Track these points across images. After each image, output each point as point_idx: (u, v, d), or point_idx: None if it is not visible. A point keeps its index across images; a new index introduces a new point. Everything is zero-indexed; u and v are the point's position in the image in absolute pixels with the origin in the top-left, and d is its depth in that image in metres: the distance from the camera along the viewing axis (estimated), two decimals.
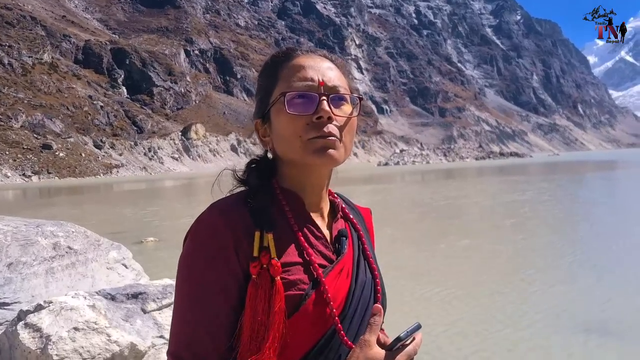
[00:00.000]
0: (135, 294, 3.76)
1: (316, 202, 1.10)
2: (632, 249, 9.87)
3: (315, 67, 1.05)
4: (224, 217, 0.98)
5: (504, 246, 10.53)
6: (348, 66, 1.16)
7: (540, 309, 6.23)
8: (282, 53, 1.10)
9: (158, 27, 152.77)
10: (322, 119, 1.00)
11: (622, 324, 5.64)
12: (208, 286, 0.96)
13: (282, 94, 1.02)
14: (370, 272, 1.12)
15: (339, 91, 1.04)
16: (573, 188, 27.06)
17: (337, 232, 1.10)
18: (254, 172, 1.09)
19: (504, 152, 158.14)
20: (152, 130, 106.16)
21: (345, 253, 1.07)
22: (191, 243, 1.00)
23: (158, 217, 18.85)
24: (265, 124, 1.10)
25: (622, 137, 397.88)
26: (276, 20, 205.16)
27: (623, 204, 18.81)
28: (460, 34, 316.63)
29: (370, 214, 1.29)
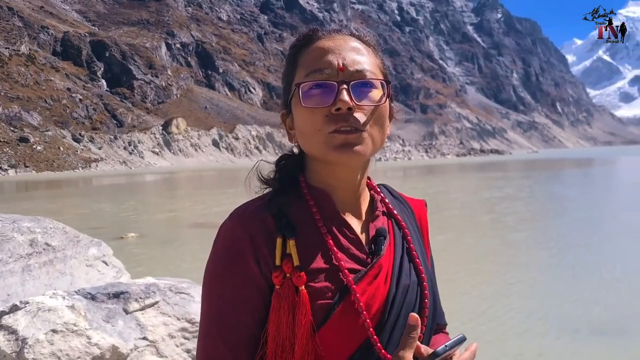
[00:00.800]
0: (116, 294, 3.62)
1: (349, 199, 1.00)
2: (605, 245, 10.05)
3: (335, 50, 0.94)
4: (243, 223, 0.92)
5: (482, 242, 10.60)
6: (379, 44, 1.05)
7: (515, 307, 6.23)
8: (302, 36, 1.01)
9: (139, 19, 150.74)
10: (342, 110, 0.90)
11: (600, 321, 5.66)
12: (227, 298, 0.90)
13: (296, 85, 0.94)
14: (417, 275, 1.00)
15: (365, 76, 0.93)
16: (550, 185, 27.49)
17: (375, 232, 0.99)
18: (279, 172, 1.02)
19: (485, 149, 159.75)
20: (133, 124, 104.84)
21: (383, 255, 0.97)
22: (212, 252, 0.95)
23: (138, 212, 18.59)
24: (289, 115, 1.02)
25: (599, 135, 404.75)
26: (259, 15, 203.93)
27: (597, 201, 19.25)
28: (442, 31, 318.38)
29: (424, 206, 1.17)
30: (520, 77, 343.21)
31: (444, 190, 23.00)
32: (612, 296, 6.63)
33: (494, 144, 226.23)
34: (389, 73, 1.02)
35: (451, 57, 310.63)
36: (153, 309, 3.60)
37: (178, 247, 10.70)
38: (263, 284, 0.90)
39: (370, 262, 0.95)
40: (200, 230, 13.35)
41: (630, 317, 5.77)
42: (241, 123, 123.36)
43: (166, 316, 3.57)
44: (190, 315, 3.66)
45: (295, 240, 0.90)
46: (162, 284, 3.85)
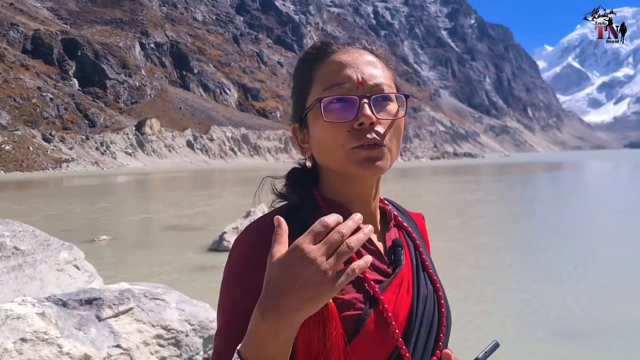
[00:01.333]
0: (89, 300, 3.53)
1: (365, 212, 0.97)
2: (570, 247, 10.29)
3: (353, 64, 0.95)
4: (261, 237, 0.90)
5: (450, 245, 10.71)
6: (391, 56, 1.06)
7: (486, 310, 6.29)
8: (315, 49, 1.00)
9: (112, 18, 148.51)
10: (364, 125, 0.90)
11: (568, 322, 5.75)
12: (241, 316, 0.86)
13: (317, 100, 0.93)
14: (432, 285, 1.02)
15: (383, 90, 0.94)
16: (520, 189, 28.01)
17: (392, 242, 1.00)
18: (294, 185, 1.00)
19: (458, 153, 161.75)
20: (105, 124, 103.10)
21: (403, 264, 0.98)
22: (227, 266, 0.94)
23: (111, 213, 18.27)
24: (303, 129, 1.00)
25: (568, 140, 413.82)
26: (234, 16, 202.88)
27: (564, 204, 19.71)
28: (417, 36, 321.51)
29: (422, 219, 1.19)
30: (493, 82, 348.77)
31: (417, 194, 23.21)
32: (579, 298, 6.74)
33: (467, 147, 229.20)
34: (400, 85, 1.02)
35: (425, 61, 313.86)
36: (127, 315, 3.51)
37: (152, 251, 10.53)
38: None
39: (391, 272, 0.96)
40: (175, 232, 13.18)
41: (597, 319, 5.87)
42: (216, 124, 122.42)
43: (141, 323, 3.50)
44: (165, 322, 3.59)
45: None
46: (136, 290, 3.77)
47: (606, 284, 7.51)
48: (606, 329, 5.61)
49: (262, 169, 77.89)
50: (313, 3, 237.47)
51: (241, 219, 10.88)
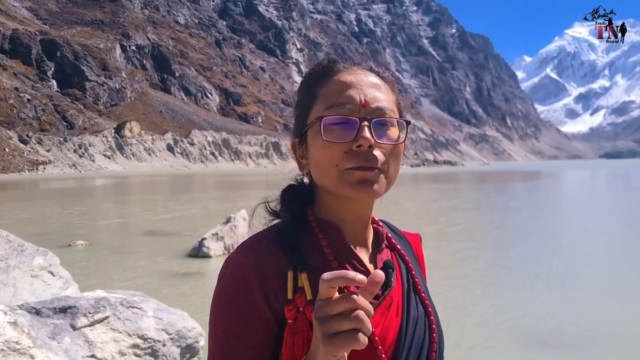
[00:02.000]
0: (63, 308, 3.45)
1: (358, 232, 1.00)
2: (540, 254, 10.43)
3: (357, 85, 0.94)
4: (251, 256, 0.90)
5: (425, 252, 10.80)
6: (397, 80, 1.06)
7: (456, 320, 6.31)
8: (321, 67, 0.99)
9: (93, 19, 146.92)
10: (363, 147, 0.89)
11: (541, 331, 5.81)
12: (235, 336, 0.87)
13: (318, 118, 0.92)
14: (423, 307, 1.01)
15: (384, 114, 0.93)
16: (496, 197, 28.37)
17: (383, 264, 0.98)
18: (287, 203, 1.00)
19: (438, 160, 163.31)
20: (84, 127, 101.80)
21: (393, 286, 0.97)
22: (218, 285, 0.92)
23: (88, 218, 17.99)
24: (302, 145, 1.00)
25: (546, 150, 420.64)
26: (217, 20, 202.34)
27: (540, 212, 20.06)
28: (399, 44, 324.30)
29: (419, 240, 1.19)
30: (473, 91, 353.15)
31: (395, 201, 23.31)
32: (551, 306, 6.82)
33: (447, 155, 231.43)
34: (404, 110, 1.03)
35: (407, 69, 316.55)
36: (103, 324, 3.45)
37: (130, 256, 10.38)
38: (271, 319, 0.88)
39: (381, 294, 0.95)
40: (154, 238, 13.02)
41: (570, 327, 5.94)
42: (197, 128, 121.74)
43: (116, 332, 3.43)
44: (142, 331, 3.52)
45: (307, 274, 0.89)
46: (112, 298, 3.70)
47: (578, 292, 7.60)
48: (579, 337, 5.67)
49: (243, 173, 77.55)
50: (296, 9, 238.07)
51: (221, 224, 10.79)
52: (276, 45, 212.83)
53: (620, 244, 12.27)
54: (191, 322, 3.90)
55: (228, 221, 10.87)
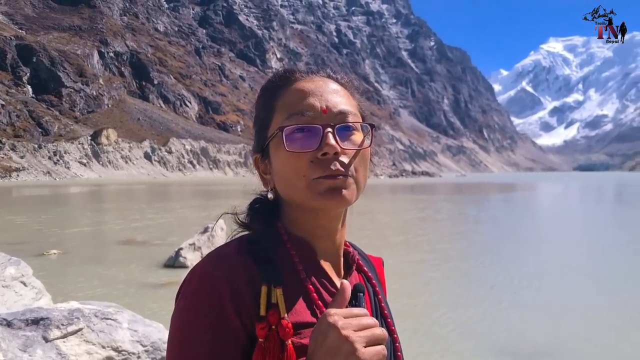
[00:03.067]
0: (35, 320, 3.40)
1: (329, 249, 0.96)
2: (502, 265, 10.60)
3: (317, 92, 0.91)
4: (222, 267, 0.84)
5: (389, 262, 10.89)
6: (358, 83, 1.04)
7: (408, 326, 6.37)
8: (278, 78, 0.96)
9: (70, 25, 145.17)
10: (328, 155, 0.86)
11: (504, 341, 5.89)
12: (204, 351, 0.80)
13: (279, 128, 0.89)
14: (389, 333, 0.98)
15: (347, 119, 0.90)
16: (468, 208, 28.76)
17: (353, 287, 0.90)
18: (258, 215, 0.95)
19: (416, 171, 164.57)
20: (59, 133, 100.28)
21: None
22: (183, 299, 0.86)
23: (62, 226, 17.69)
24: (265, 160, 0.96)
25: (521, 161, 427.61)
26: (197, 28, 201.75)
27: (507, 224, 20.42)
28: (378, 55, 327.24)
29: (382, 264, 1.16)
30: (451, 103, 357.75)
31: (369, 211, 23.44)
32: (515, 318, 6.92)
33: (424, 166, 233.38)
34: (367, 114, 1.01)
35: (386, 81, 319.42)
36: (76, 336, 3.41)
37: (105, 266, 10.24)
38: (243, 336, 0.82)
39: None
40: (129, 247, 12.87)
41: (536, 339, 6.03)
42: (175, 136, 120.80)
43: (90, 344, 3.40)
44: (116, 343, 3.49)
45: (282, 289, 0.84)
46: (86, 309, 3.66)
47: (542, 304, 7.71)
48: (544, 349, 5.76)
49: (221, 182, 77.01)
50: (276, 19, 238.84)
51: (198, 234, 10.71)
52: (256, 54, 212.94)
53: (583, 255, 12.53)
54: (167, 334, 3.87)
55: (205, 231, 10.80)
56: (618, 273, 10.05)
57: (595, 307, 7.53)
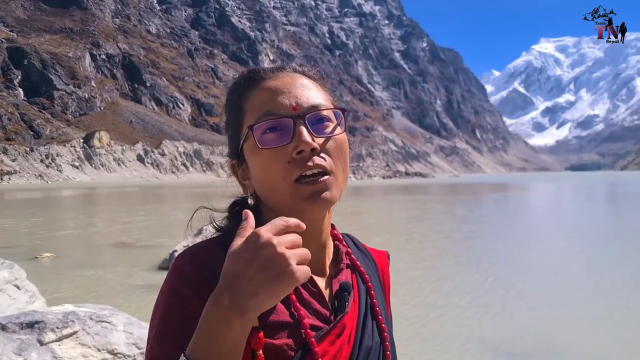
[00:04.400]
0: (30, 323, 3.39)
1: (313, 248, 0.87)
2: (480, 265, 10.62)
3: (285, 89, 0.87)
4: (193, 264, 0.81)
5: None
6: (326, 77, 0.98)
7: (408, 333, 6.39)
8: (243, 79, 0.92)
9: (62, 27, 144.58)
10: (305, 152, 0.83)
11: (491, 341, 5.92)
12: (176, 322, 0.78)
13: (248, 127, 0.85)
14: (379, 336, 0.94)
15: (317, 111, 0.86)
16: (457, 208, 28.91)
17: (339, 287, 0.91)
18: (235, 219, 0.92)
19: (409, 172, 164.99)
20: (51, 136, 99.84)
21: (347, 312, 0.89)
22: (159, 294, 0.84)
23: (55, 229, 17.61)
24: (242, 165, 0.93)
25: (514, 162, 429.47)
26: (189, 30, 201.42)
27: (492, 223, 20.51)
28: (371, 57, 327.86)
29: (387, 258, 1.10)
30: (443, 104, 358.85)
31: (359, 212, 23.53)
32: (495, 318, 6.96)
33: (418, 167, 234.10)
34: (342, 105, 0.94)
35: (379, 82, 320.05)
36: (71, 339, 3.40)
37: (99, 269, 10.19)
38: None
39: (333, 319, 0.88)
40: (123, 250, 12.82)
41: (524, 339, 6.06)
42: (168, 139, 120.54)
43: (85, 347, 3.39)
44: (112, 346, 3.48)
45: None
46: (81, 312, 3.65)
47: (524, 304, 7.74)
48: (532, 348, 5.79)
49: (215, 184, 76.74)
50: (269, 21, 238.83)
51: (192, 236, 10.69)
52: (249, 56, 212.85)
53: (574, 254, 12.55)
54: None
55: (199, 233, 10.77)
56: (610, 272, 10.10)
57: (588, 307, 7.57)
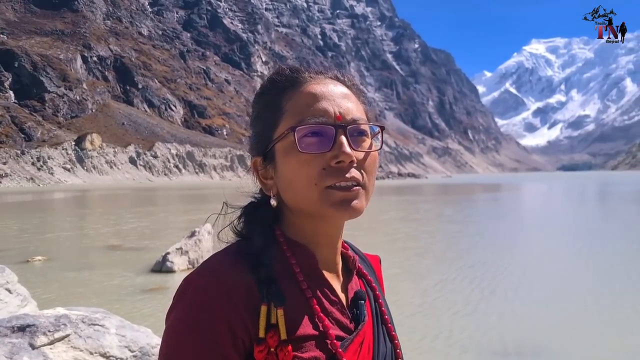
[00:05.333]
0: (22, 327, 3.36)
1: (331, 257, 0.93)
2: (462, 261, 10.65)
3: (329, 97, 0.87)
4: (219, 282, 0.79)
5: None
6: (362, 90, 1.00)
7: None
8: (285, 77, 0.90)
9: (53, 29, 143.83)
10: (343, 163, 0.83)
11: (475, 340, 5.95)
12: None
13: (291, 128, 0.84)
14: (391, 341, 0.96)
15: (359, 124, 0.87)
16: (445, 208, 29.04)
17: (354, 294, 0.93)
18: (255, 223, 0.90)
19: (402, 173, 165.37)
20: (42, 139, 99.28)
21: (366, 321, 0.91)
22: (177, 311, 0.81)
23: (46, 233, 17.51)
24: (267, 164, 0.90)
25: (506, 162, 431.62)
26: (181, 32, 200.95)
27: (477, 223, 20.62)
28: (363, 58, 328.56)
29: (379, 262, 1.13)
30: (436, 105, 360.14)
31: None
32: (477, 318, 6.99)
33: (410, 167, 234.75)
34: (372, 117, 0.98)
35: (371, 83, 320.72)
36: (63, 342, 3.37)
37: (91, 272, 10.14)
38: (235, 358, 0.79)
39: (353, 327, 0.89)
40: (116, 253, 12.76)
41: (512, 338, 6.09)
42: (160, 141, 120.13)
43: (78, 350, 3.37)
44: (104, 349, 3.47)
45: (284, 309, 0.80)
46: (73, 315, 3.63)
47: (506, 303, 7.77)
48: (519, 347, 5.82)
49: (208, 186, 76.74)
50: (261, 22, 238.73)
51: (185, 239, 10.66)
52: (241, 58, 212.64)
53: (563, 252, 12.62)
54: (155, 339, 3.85)
55: (192, 235, 10.75)
56: (601, 270, 10.16)
57: (580, 305, 7.61)
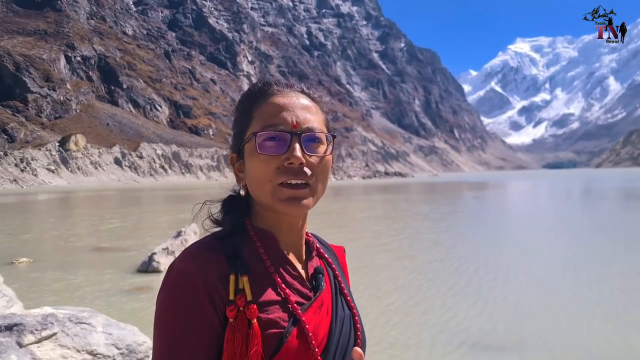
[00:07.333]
0: (9, 326, 3.41)
1: (292, 241, 1.10)
2: (437, 258, 10.75)
3: (289, 108, 1.03)
4: (196, 262, 0.97)
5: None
6: (326, 99, 1.17)
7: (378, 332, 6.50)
8: (257, 89, 1.08)
9: (35, 29, 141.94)
10: (294, 165, 0.98)
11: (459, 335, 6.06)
12: (181, 339, 0.93)
13: (253, 133, 1.01)
14: (348, 308, 1.12)
15: (314, 132, 1.03)
16: (423, 206, 29.27)
17: (313, 270, 1.10)
18: (229, 213, 1.08)
19: (389, 172, 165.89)
20: (26, 140, 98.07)
21: (323, 289, 1.08)
22: (163, 292, 0.98)
23: (31, 234, 17.39)
24: (240, 159, 1.08)
25: (492, 160, 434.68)
26: (166, 31, 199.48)
27: (452, 220, 20.84)
28: (349, 57, 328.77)
29: (343, 252, 1.30)
30: (422, 104, 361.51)
31: (327, 212, 23.69)
32: (455, 311, 7.11)
33: (397, 166, 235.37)
34: (332, 127, 1.12)
35: (357, 82, 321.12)
36: (50, 341, 3.42)
37: (77, 273, 10.12)
38: (216, 320, 0.95)
39: (313, 296, 1.05)
40: (102, 254, 12.73)
41: (495, 331, 6.20)
42: (146, 141, 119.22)
43: (65, 348, 3.42)
44: (91, 347, 3.52)
45: (248, 277, 0.97)
46: (60, 314, 3.68)
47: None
48: (508, 341, 5.92)
49: (194, 187, 76.32)
50: (247, 21, 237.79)
51: (171, 239, 10.68)
52: (227, 57, 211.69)
53: (547, 247, 12.78)
54: (141, 337, 3.91)
55: (178, 235, 10.78)
56: (585, 265, 10.33)
57: (563, 299, 7.74)
